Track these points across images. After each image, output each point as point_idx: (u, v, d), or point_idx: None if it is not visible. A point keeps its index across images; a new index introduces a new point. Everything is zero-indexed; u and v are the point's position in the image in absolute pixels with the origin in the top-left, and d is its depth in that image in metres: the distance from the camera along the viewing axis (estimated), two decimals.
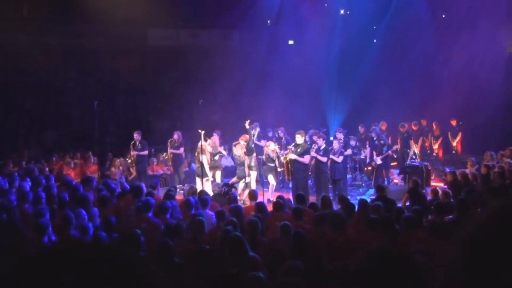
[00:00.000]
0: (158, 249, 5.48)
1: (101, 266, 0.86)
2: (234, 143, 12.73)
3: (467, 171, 10.96)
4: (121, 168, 13.65)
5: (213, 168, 12.66)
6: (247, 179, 12.49)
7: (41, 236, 5.91)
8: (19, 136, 16.96)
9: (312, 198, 11.00)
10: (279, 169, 12.37)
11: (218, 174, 12.90)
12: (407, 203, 9.12)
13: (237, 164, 12.66)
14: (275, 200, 8.56)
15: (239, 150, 12.38)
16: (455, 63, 16.80)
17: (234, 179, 12.56)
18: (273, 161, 12.28)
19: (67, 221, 6.43)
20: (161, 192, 10.62)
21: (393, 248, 1.56)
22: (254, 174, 12.51)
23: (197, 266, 5.05)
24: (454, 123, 16.12)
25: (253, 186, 12.22)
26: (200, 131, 11.91)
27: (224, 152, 13.60)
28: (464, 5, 16.70)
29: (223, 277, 4.81)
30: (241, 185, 12.55)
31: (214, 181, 12.33)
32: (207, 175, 12.39)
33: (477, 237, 0.81)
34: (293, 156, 11.27)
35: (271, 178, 12.32)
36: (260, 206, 7.83)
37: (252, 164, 12.39)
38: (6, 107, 17.45)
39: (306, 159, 11.28)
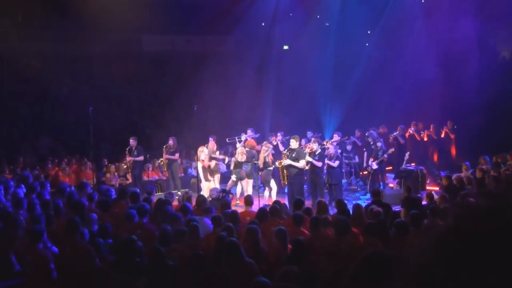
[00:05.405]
0: (150, 256, 5.53)
1: None
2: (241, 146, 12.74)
3: (462, 175, 10.99)
4: (116, 174, 13.64)
5: (212, 172, 12.69)
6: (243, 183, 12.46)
7: (36, 243, 5.87)
8: (13, 142, 16.87)
9: (307, 203, 10.97)
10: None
11: (217, 178, 12.90)
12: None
13: (236, 166, 12.49)
14: (271, 205, 8.53)
15: (251, 151, 12.37)
16: (450, 67, 16.86)
17: (230, 183, 12.49)
18: (271, 165, 12.19)
19: (74, 227, 6.23)
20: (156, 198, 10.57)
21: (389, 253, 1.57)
22: (251, 180, 12.47)
23: (191, 272, 5.03)
24: (449, 125, 16.16)
25: (250, 192, 12.14)
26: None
27: (222, 156, 13.48)
28: (458, 10, 16.78)
29: (218, 283, 4.79)
30: (238, 189, 12.52)
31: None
32: (207, 180, 12.47)
33: (445, 241, 0.82)
34: (287, 161, 11.25)
35: (273, 183, 12.25)
36: (262, 213, 7.76)
37: (248, 171, 12.37)
38: (1, 113, 17.38)
39: (301, 163, 11.26)
